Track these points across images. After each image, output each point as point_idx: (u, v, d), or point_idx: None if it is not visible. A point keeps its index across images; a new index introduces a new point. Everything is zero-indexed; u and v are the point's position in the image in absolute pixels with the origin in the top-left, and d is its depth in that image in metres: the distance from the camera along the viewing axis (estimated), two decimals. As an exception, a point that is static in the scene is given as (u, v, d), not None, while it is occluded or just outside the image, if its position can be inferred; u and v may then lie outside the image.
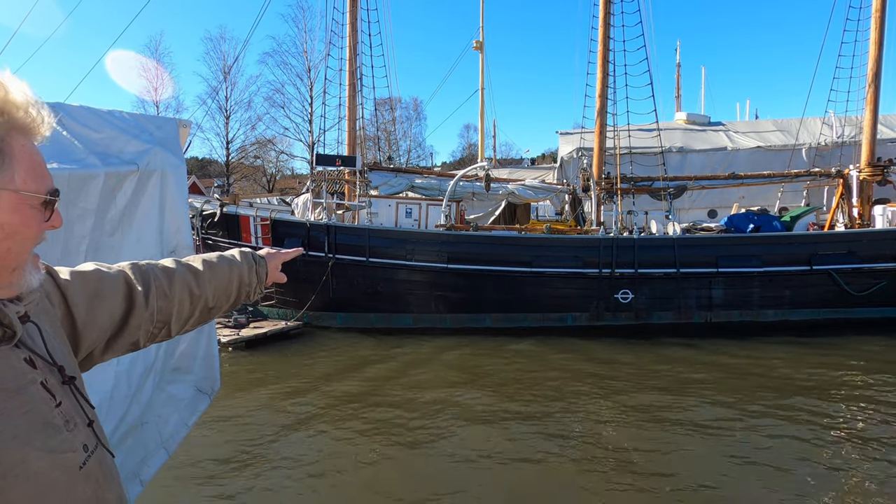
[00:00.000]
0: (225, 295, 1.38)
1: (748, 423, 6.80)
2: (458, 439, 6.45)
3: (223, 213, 12.67)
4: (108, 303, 1.15)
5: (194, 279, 1.31)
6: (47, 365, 0.91)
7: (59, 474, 0.83)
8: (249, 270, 1.44)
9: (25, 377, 0.85)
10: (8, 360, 0.84)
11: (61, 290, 1.09)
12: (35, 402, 0.84)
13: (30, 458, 0.78)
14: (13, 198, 0.81)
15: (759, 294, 11.59)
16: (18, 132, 0.83)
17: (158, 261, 1.31)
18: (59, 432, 0.86)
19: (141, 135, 2.74)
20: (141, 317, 1.19)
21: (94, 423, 0.96)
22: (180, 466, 5.47)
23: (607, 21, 13.81)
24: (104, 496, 0.91)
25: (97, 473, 0.91)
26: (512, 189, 14.39)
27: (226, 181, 33.17)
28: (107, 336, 1.16)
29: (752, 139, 18.43)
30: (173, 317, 1.26)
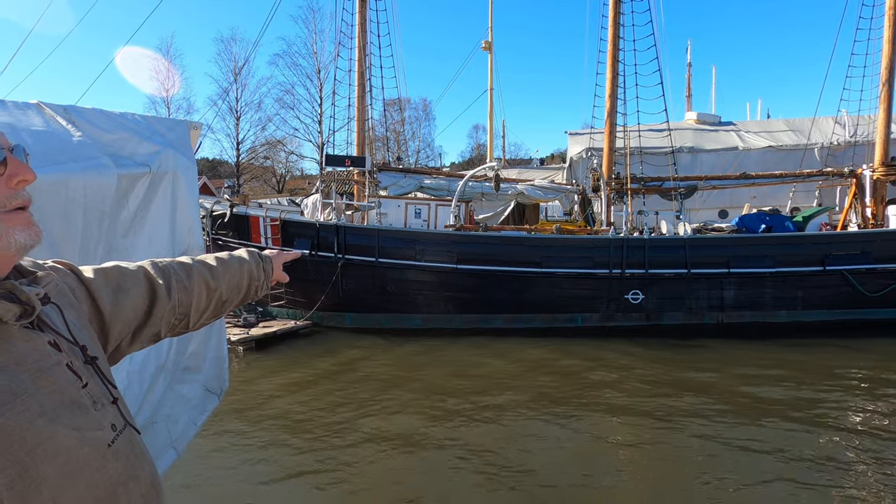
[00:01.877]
0: (236, 289, 1.47)
1: (762, 423, 6.74)
2: (469, 440, 6.44)
3: (233, 214, 12.74)
4: (132, 296, 1.20)
5: (210, 274, 1.39)
6: (71, 346, 0.92)
7: (89, 452, 0.83)
8: (257, 267, 1.54)
9: (50, 359, 0.86)
10: (33, 343, 0.85)
11: (86, 286, 1.13)
12: (61, 383, 0.85)
13: (57, 435, 0.79)
14: None
15: (771, 295, 11.50)
16: None
17: (176, 258, 1.39)
18: (86, 411, 0.87)
19: (153, 136, 2.76)
20: (164, 308, 1.25)
21: (119, 401, 0.97)
22: (186, 465, 5.51)
23: (617, 21, 13.76)
24: (136, 473, 0.92)
25: (127, 451, 0.92)
26: (521, 189, 14.37)
27: (236, 182, 33.37)
28: (133, 328, 1.21)
29: (763, 139, 18.28)
30: (192, 308, 1.33)
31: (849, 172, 13.11)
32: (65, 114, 2.41)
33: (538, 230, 12.97)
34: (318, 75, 36.83)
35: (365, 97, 15.88)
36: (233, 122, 36.82)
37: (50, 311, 0.94)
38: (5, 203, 0.82)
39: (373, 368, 9.46)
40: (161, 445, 2.62)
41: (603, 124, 14.27)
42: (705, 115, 20.92)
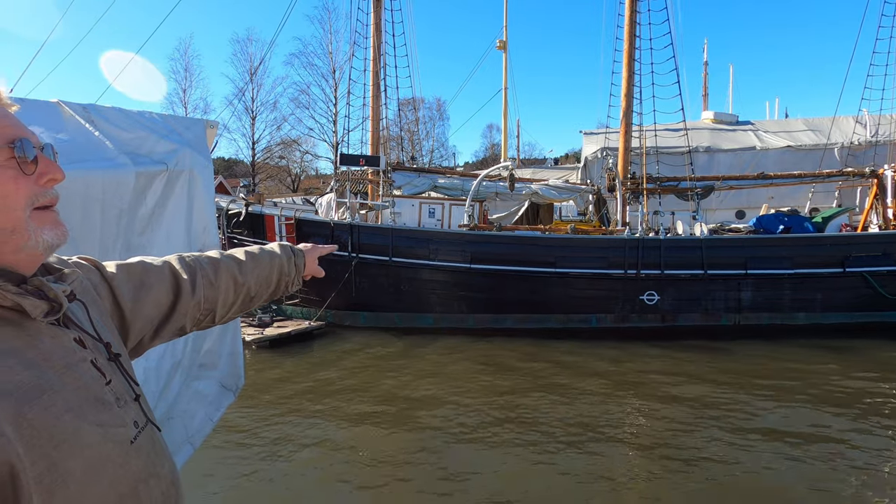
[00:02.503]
0: (265, 284, 1.45)
1: (783, 426, 6.65)
2: (481, 441, 6.43)
3: (248, 213, 12.84)
4: (155, 292, 1.20)
5: (238, 268, 1.38)
6: (95, 343, 0.93)
7: (112, 448, 0.84)
8: (288, 262, 1.51)
9: (76, 355, 0.87)
10: (59, 340, 0.86)
11: (108, 282, 1.14)
12: (86, 380, 0.86)
13: (83, 431, 0.80)
14: None
15: (789, 297, 11.33)
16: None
17: (204, 252, 1.39)
18: (109, 408, 0.87)
19: (170, 135, 2.78)
20: (188, 304, 1.25)
21: (141, 398, 0.97)
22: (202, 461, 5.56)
23: (633, 19, 13.64)
24: (157, 470, 0.92)
25: (148, 448, 0.92)
26: (535, 189, 14.31)
27: (251, 181, 33.60)
28: (155, 324, 1.22)
29: (781, 139, 18.03)
30: (218, 304, 1.33)
31: (870, 172, 12.88)
32: (84, 113, 2.43)
33: (553, 230, 12.91)
34: (333, 75, 37.08)
35: (380, 97, 15.92)
36: (248, 122, 37.21)
37: (75, 308, 0.95)
38: (34, 201, 0.83)
39: (388, 368, 9.47)
40: (178, 441, 2.64)
41: (618, 124, 14.15)
42: (722, 114, 20.67)
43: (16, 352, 0.78)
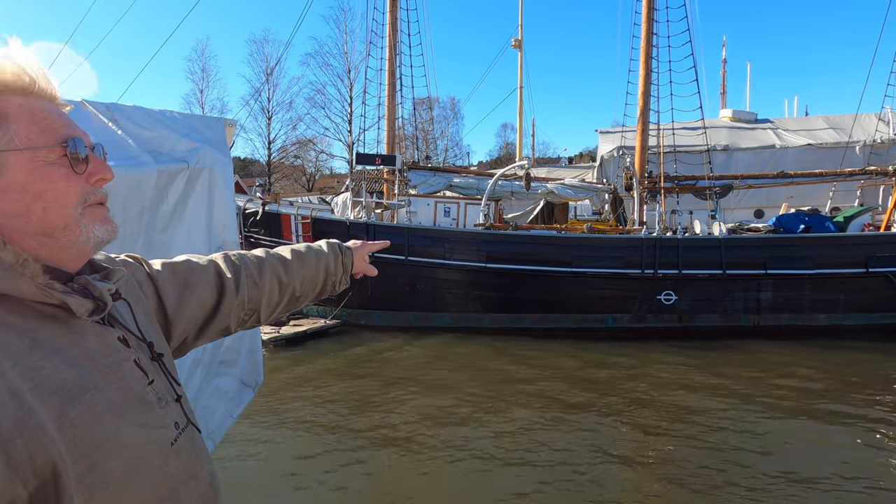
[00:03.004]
0: (311, 284, 1.43)
1: (804, 430, 6.55)
2: (496, 441, 6.41)
3: (265, 212, 12.93)
4: (199, 292, 1.21)
5: (283, 268, 1.37)
6: (139, 343, 0.93)
7: (153, 449, 0.84)
8: (335, 260, 1.49)
9: (119, 354, 0.87)
10: (103, 338, 0.86)
11: (153, 281, 1.15)
12: (128, 379, 0.86)
13: (124, 431, 0.80)
14: (22, 157, 0.79)
15: (810, 297, 11.16)
16: (13, 93, 0.80)
17: (251, 251, 1.38)
18: (151, 408, 0.87)
19: (191, 134, 2.80)
20: (231, 304, 1.25)
21: (183, 398, 0.97)
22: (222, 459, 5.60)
23: (651, 17, 13.52)
24: (196, 472, 0.92)
25: (188, 450, 0.92)
26: (551, 188, 14.24)
27: (267, 180, 33.88)
28: (198, 324, 1.22)
29: (802, 137, 17.74)
30: (263, 304, 1.32)
31: (893, 171, 12.63)
32: (107, 112, 2.45)
33: (569, 229, 12.84)
34: (348, 75, 37.21)
35: (395, 96, 15.95)
36: (264, 122, 37.48)
37: (120, 307, 0.95)
38: (85, 199, 0.84)
39: (402, 368, 9.49)
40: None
41: (635, 122, 14.04)
42: (741, 112, 20.40)
43: (61, 350, 0.78)
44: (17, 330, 0.76)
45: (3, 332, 0.74)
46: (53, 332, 0.79)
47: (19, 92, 0.81)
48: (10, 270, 0.77)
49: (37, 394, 0.72)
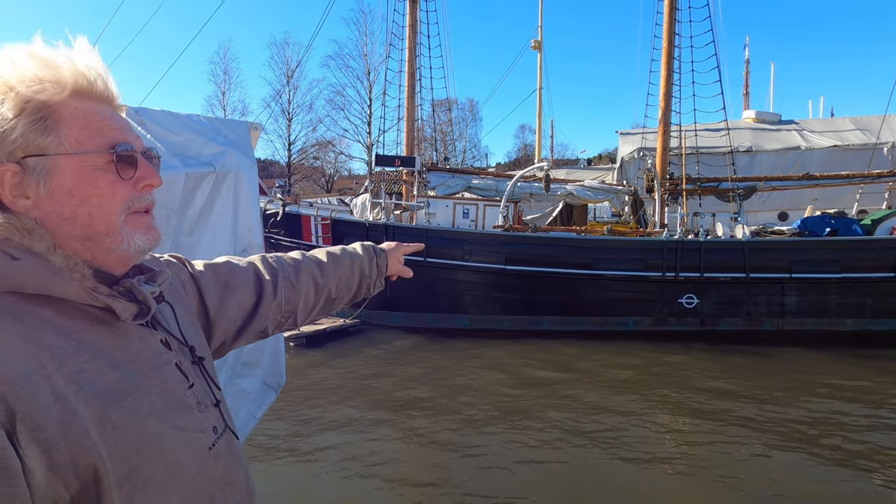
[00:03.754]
0: (346, 286, 1.44)
1: (829, 441, 6.42)
2: (510, 443, 6.38)
3: (285, 213, 13.04)
4: (239, 294, 1.21)
5: (319, 270, 1.38)
6: (180, 346, 0.94)
7: (192, 453, 0.84)
8: (370, 263, 1.49)
9: (161, 357, 0.87)
10: (146, 341, 0.87)
11: (196, 282, 1.16)
12: (170, 383, 0.86)
13: (165, 435, 0.80)
14: (70, 161, 0.79)
15: (836, 302, 10.93)
16: (71, 96, 0.80)
17: (287, 254, 1.39)
18: (191, 412, 0.87)
19: (216, 137, 2.83)
20: (269, 306, 1.26)
21: (222, 403, 0.97)
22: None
23: (673, 16, 13.38)
24: (233, 478, 0.92)
25: (226, 455, 0.92)
26: (571, 190, 14.16)
27: (287, 181, 34.18)
28: (238, 325, 1.23)
29: (828, 138, 17.42)
30: (300, 306, 1.33)
31: (923, 173, 12.35)
32: (135, 116, 2.48)
33: (589, 231, 12.75)
34: (368, 77, 37.41)
35: (414, 97, 16.00)
36: (285, 124, 37.79)
37: (163, 309, 0.96)
38: (130, 205, 0.84)
39: (419, 368, 9.49)
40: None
41: (656, 123, 13.90)
42: (764, 113, 20.09)
43: (106, 352, 0.79)
44: (65, 332, 0.76)
45: (51, 334, 0.75)
46: (99, 335, 0.80)
47: (77, 94, 0.81)
48: (59, 274, 0.77)
49: (81, 396, 0.72)
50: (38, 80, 0.77)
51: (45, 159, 0.78)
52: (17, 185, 0.78)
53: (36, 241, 0.77)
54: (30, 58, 0.79)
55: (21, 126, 0.77)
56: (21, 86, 0.77)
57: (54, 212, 0.79)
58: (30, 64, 0.78)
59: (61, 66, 0.80)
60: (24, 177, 0.78)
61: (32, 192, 0.78)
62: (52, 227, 0.79)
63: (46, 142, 0.78)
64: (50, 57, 0.80)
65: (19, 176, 0.78)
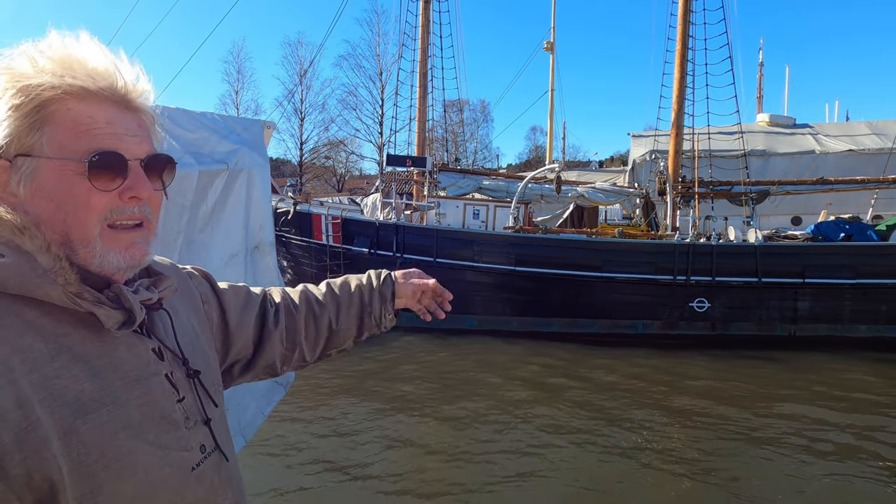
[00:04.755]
0: (348, 316, 1.32)
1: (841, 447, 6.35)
2: (522, 441, 6.36)
3: (296, 212, 13.10)
4: (252, 317, 1.19)
5: (316, 301, 1.31)
6: (175, 357, 0.89)
7: (170, 472, 0.79)
8: (370, 292, 1.34)
9: (149, 368, 0.83)
10: (134, 349, 0.82)
11: (218, 297, 1.14)
12: (154, 395, 0.81)
13: (139, 452, 0.76)
14: (51, 164, 0.75)
15: (850, 308, 10.81)
16: (72, 96, 0.77)
17: (291, 288, 1.34)
18: (176, 429, 0.83)
19: (230, 135, 2.85)
20: (273, 337, 1.22)
21: (213, 422, 0.91)
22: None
23: (687, 18, 13.29)
24: (217, 501, 0.87)
25: (212, 476, 0.87)
26: (582, 192, 14.11)
27: (299, 180, 34.34)
28: (249, 353, 1.19)
29: (843, 142, 17.25)
30: (301, 337, 1.27)
31: (940, 178, 12.17)
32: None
33: (599, 234, 12.70)
34: (380, 77, 37.49)
35: (426, 98, 16.02)
36: (297, 123, 37.98)
37: (162, 318, 0.91)
38: (108, 217, 0.79)
39: (427, 367, 9.50)
40: (231, 432, 2.71)
41: (668, 126, 13.81)
42: (778, 116, 19.94)
43: (86, 358, 0.76)
44: (46, 334, 0.73)
45: (29, 336, 0.72)
46: (84, 339, 0.77)
47: (77, 95, 0.77)
48: (44, 276, 0.74)
49: (47, 405, 0.69)
50: (37, 78, 0.75)
51: (31, 160, 0.76)
52: (7, 181, 0.77)
53: (28, 240, 0.75)
54: (38, 55, 0.77)
55: (14, 122, 0.75)
56: (21, 82, 0.75)
57: (36, 212, 0.76)
58: (36, 61, 0.77)
59: (68, 64, 0.77)
60: (11, 175, 0.76)
61: (18, 191, 0.76)
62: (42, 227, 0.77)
63: (32, 141, 0.75)
64: (58, 55, 0.78)
65: (9, 173, 0.76)
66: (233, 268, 2.79)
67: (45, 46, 0.78)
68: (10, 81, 0.75)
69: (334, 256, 12.53)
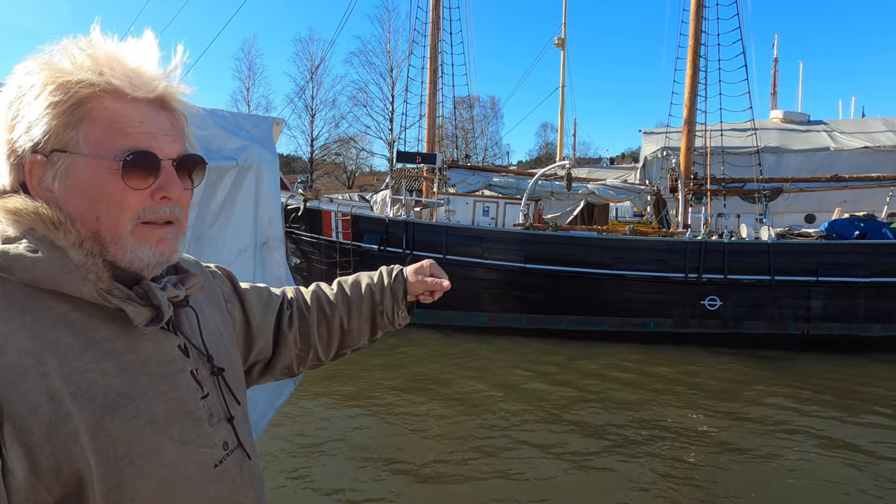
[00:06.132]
0: (360, 315, 1.31)
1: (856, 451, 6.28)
2: (528, 439, 6.35)
3: (306, 208, 13.13)
4: (273, 316, 1.20)
5: (327, 302, 1.31)
6: (199, 354, 0.90)
7: (192, 469, 0.80)
8: (381, 290, 1.32)
9: (175, 364, 0.84)
10: (160, 345, 0.84)
11: (240, 296, 1.15)
12: (180, 391, 0.83)
13: (163, 448, 0.77)
14: (86, 162, 0.77)
15: (864, 306, 10.68)
16: (109, 95, 0.78)
17: (304, 288, 1.35)
18: (199, 425, 0.84)
19: (239, 132, 2.86)
20: (287, 338, 1.23)
21: (236, 419, 0.92)
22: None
23: (699, 13, 13.16)
24: (238, 499, 0.87)
25: (234, 474, 0.87)
26: (592, 189, 14.03)
27: (309, 177, 34.44)
28: (269, 353, 1.20)
29: (858, 139, 17.01)
30: (314, 338, 1.27)
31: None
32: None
33: (610, 231, 12.63)
34: (390, 73, 37.50)
35: (436, 94, 16.00)
36: (308, 120, 38.08)
37: (188, 315, 0.93)
38: (142, 215, 0.80)
39: (438, 365, 9.51)
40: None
41: (680, 122, 13.70)
42: (792, 113, 19.70)
43: (114, 354, 0.77)
44: (76, 329, 0.75)
45: (59, 330, 0.73)
46: (112, 334, 0.78)
47: (112, 93, 0.78)
48: (75, 272, 0.75)
49: (77, 399, 0.70)
50: (76, 75, 0.76)
51: (66, 156, 0.77)
52: (43, 177, 0.78)
53: (62, 236, 0.76)
54: (78, 52, 0.78)
55: (52, 119, 0.76)
56: (61, 78, 0.76)
57: (70, 208, 0.78)
58: (76, 58, 0.77)
59: (106, 62, 0.78)
60: (47, 170, 0.77)
61: (53, 187, 0.78)
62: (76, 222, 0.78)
63: (68, 138, 0.76)
64: (98, 52, 0.79)
65: (45, 168, 0.77)
66: (242, 263, 2.80)
67: (86, 44, 0.79)
68: (49, 77, 0.76)
69: (344, 253, 12.56)
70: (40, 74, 0.77)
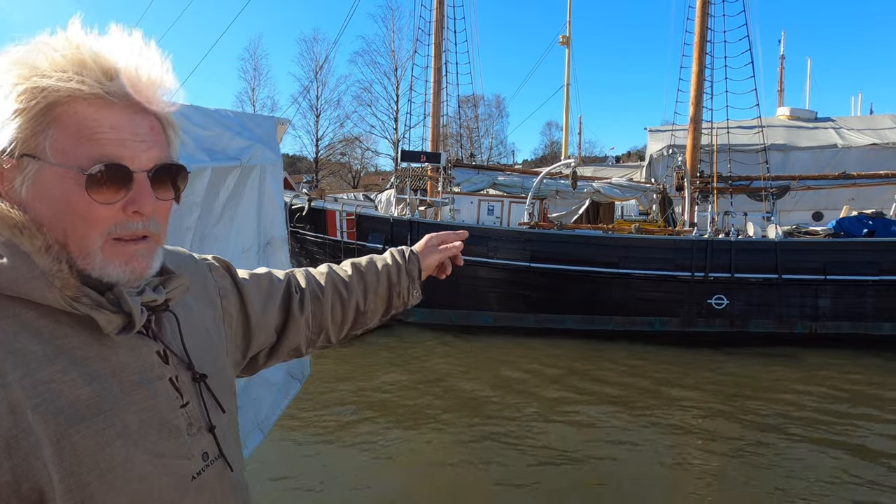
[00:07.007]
0: (376, 298, 1.31)
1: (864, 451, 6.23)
2: (534, 438, 6.33)
3: (311, 208, 13.15)
4: (275, 305, 1.17)
5: (343, 284, 1.29)
6: (179, 361, 0.85)
7: (168, 481, 0.76)
8: (398, 271, 1.34)
9: (153, 371, 0.80)
10: (137, 351, 0.79)
11: (239, 289, 1.10)
12: (157, 399, 0.78)
13: (134, 461, 0.72)
14: (53, 171, 0.72)
15: (873, 305, 10.59)
16: (80, 99, 0.72)
17: (316, 268, 1.33)
18: (177, 435, 0.79)
19: (243, 132, 2.86)
20: (299, 322, 1.20)
21: (218, 429, 0.87)
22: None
23: (705, 10, 13.08)
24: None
25: (214, 486, 0.83)
26: (598, 187, 13.98)
27: (314, 177, 34.51)
28: (272, 340, 1.17)
29: (866, 136, 16.87)
30: (328, 321, 1.25)
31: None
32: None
33: (616, 230, 12.58)
34: (395, 73, 37.54)
35: (440, 94, 15.99)
36: (313, 120, 38.17)
37: (170, 318, 0.88)
38: (112, 230, 0.75)
39: (441, 364, 9.49)
40: (248, 427, 2.73)
41: (686, 120, 13.63)
42: (799, 110, 19.58)
43: (84, 362, 0.73)
44: (43, 336, 0.71)
45: (25, 338, 0.69)
46: (83, 342, 0.74)
47: (83, 97, 0.72)
48: (40, 278, 0.71)
49: (40, 411, 0.66)
50: (47, 78, 0.71)
51: (35, 162, 0.72)
52: (13, 180, 0.73)
53: (27, 241, 0.71)
54: (51, 51, 0.73)
55: (21, 122, 0.71)
56: (31, 80, 0.71)
57: (37, 214, 0.73)
58: (49, 57, 0.72)
59: (80, 62, 0.73)
60: (17, 174, 0.73)
61: (21, 192, 0.73)
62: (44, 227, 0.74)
63: (36, 143, 0.72)
64: (71, 53, 0.73)
65: (15, 172, 0.73)
66: (245, 263, 2.79)
67: (60, 42, 0.74)
68: (20, 78, 0.72)
69: (349, 252, 12.56)
70: (9, 74, 0.72)
